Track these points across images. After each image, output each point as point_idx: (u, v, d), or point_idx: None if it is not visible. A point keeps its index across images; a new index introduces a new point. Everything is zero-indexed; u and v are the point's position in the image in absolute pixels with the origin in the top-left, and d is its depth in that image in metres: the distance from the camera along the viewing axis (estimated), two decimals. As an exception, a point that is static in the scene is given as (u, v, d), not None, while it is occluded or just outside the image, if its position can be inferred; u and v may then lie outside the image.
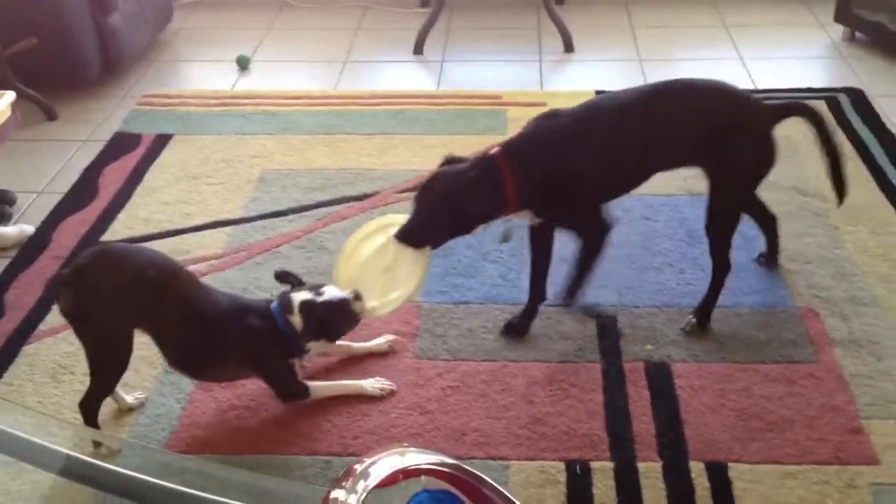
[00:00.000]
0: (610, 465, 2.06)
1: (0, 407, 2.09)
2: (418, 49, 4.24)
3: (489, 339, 2.45)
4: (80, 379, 2.31)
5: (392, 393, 2.26)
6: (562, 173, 2.22)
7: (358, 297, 2.18)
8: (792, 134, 3.34)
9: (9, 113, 2.60)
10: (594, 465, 2.06)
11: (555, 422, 2.18)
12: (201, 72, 4.15)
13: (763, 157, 2.36)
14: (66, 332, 2.45)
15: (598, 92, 3.73)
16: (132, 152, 3.37)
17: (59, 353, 2.41)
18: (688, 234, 2.84)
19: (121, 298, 2.03)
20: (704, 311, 2.47)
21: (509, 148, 2.22)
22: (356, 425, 2.18)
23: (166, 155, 3.37)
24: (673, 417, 2.18)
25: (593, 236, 2.33)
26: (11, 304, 2.60)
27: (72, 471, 1.40)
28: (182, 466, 2.04)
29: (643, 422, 2.17)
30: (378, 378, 2.29)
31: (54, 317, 2.53)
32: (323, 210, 3.00)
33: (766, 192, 2.90)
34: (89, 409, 2.10)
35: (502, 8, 4.65)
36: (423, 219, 2.19)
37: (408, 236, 2.20)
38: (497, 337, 2.45)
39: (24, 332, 2.49)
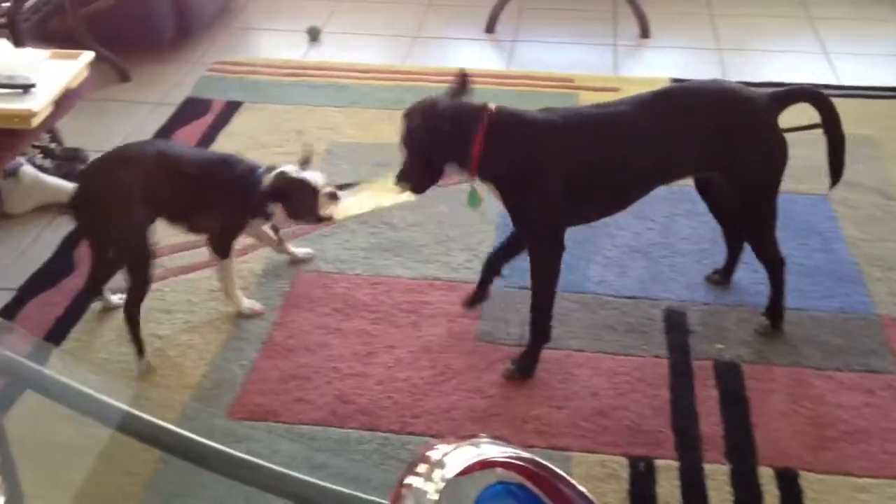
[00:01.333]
0: (675, 464, 2.02)
1: (66, 361, 2.11)
2: (490, 27, 4.18)
3: (553, 325, 2.40)
4: (146, 339, 2.32)
5: (453, 374, 2.24)
6: (527, 163, 2.10)
7: (333, 196, 2.32)
8: (876, 133, 3.24)
9: (86, 73, 2.60)
10: (658, 462, 2.02)
11: (618, 415, 2.14)
12: (272, 41, 4.14)
13: (772, 149, 2.26)
14: (134, 293, 2.49)
15: (673, 80, 3.65)
16: (202, 118, 3.38)
17: (126, 312, 2.43)
18: (762, 231, 2.76)
19: (123, 195, 2.23)
20: (774, 311, 2.40)
21: (498, 113, 2.10)
22: (417, 404, 2.16)
23: (236, 122, 3.37)
24: (742, 420, 2.12)
25: (541, 253, 2.18)
26: (82, 260, 2.62)
27: (130, 427, 1.40)
28: (243, 433, 2.05)
29: (711, 422, 2.12)
30: (254, 303, 2.44)
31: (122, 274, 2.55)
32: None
33: (847, 192, 2.82)
34: (131, 313, 2.25)
35: (578, -11, 4.57)
36: (408, 154, 2.14)
37: (402, 176, 2.17)
38: (561, 324, 2.41)
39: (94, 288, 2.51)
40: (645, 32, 4.11)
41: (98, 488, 1.92)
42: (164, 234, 2.70)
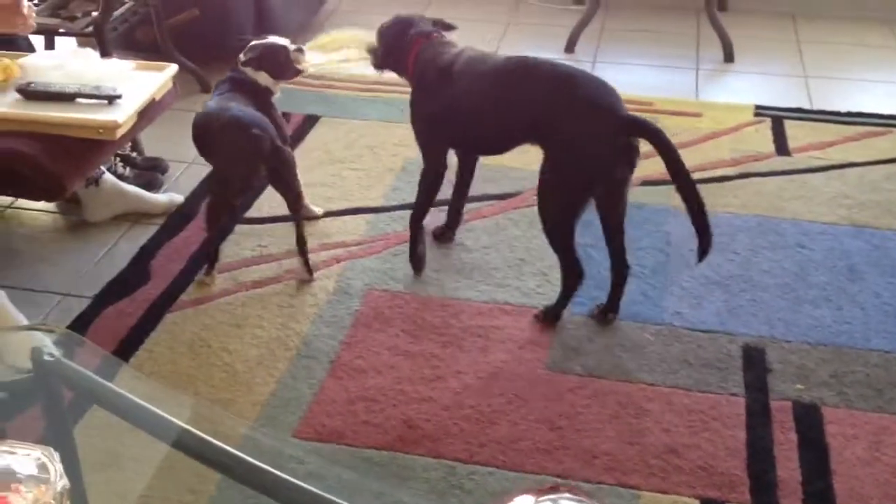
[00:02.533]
0: (749, 509, 1.95)
1: (134, 376, 2.12)
2: (570, 47, 4.14)
3: (626, 357, 2.35)
4: (216, 353, 2.34)
5: (522, 402, 2.20)
6: (420, 83, 2.53)
7: (300, 50, 2.76)
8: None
9: (170, 85, 2.64)
10: (732, 507, 1.95)
11: (691, 455, 2.07)
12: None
13: (581, 158, 2.28)
14: (208, 305, 2.51)
15: (757, 106, 3.57)
16: (280, 131, 3.40)
17: (198, 324, 2.44)
18: (848, 268, 2.67)
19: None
20: (554, 307, 2.46)
21: (434, 39, 2.55)
22: (484, 433, 2.12)
23: (312, 136, 3.38)
24: (821, 466, 2.04)
25: (424, 164, 2.60)
26: (157, 271, 2.65)
27: (188, 446, 1.39)
28: (307, 455, 2.03)
29: (788, 467, 2.04)
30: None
31: (196, 289, 2.58)
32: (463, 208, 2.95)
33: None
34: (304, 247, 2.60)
35: (661, 10, 4.49)
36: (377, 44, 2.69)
37: (371, 52, 2.71)
38: (634, 356, 2.35)
39: (168, 300, 2.54)
40: (729, 57, 4.02)
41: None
42: (234, 248, 2.73)
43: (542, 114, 2.31)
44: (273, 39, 2.76)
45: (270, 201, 2.95)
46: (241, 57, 2.72)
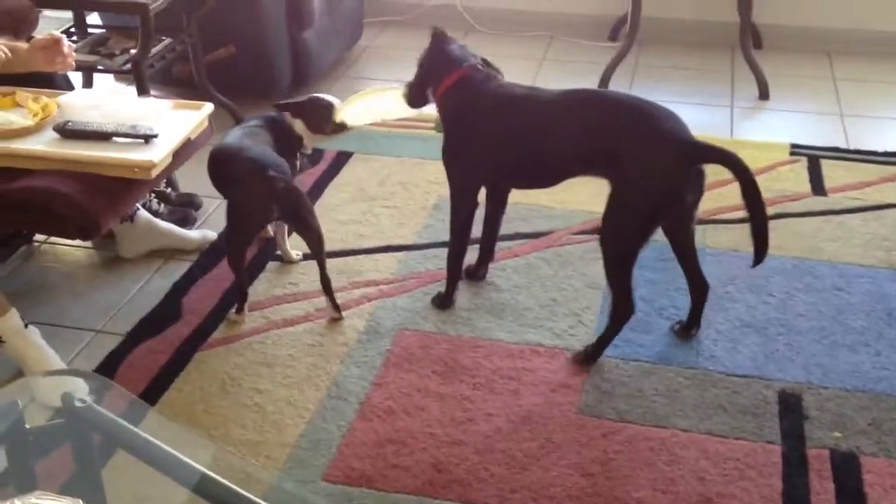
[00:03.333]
0: (783, 562, 1.90)
1: (156, 420, 2.12)
2: (604, 83, 4.13)
3: (660, 402, 2.32)
4: (246, 392, 2.34)
5: (554, 447, 2.17)
6: (459, 117, 2.49)
7: (343, 126, 2.80)
8: None
9: (206, 124, 2.66)
10: (768, 560, 1.90)
11: (726, 504, 2.03)
12: (385, 91, 4.18)
13: (649, 186, 2.25)
14: (239, 344, 2.51)
15: (793, 145, 3.53)
16: (314, 167, 3.42)
17: (229, 363, 2.45)
18: (887, 312, 2.62)
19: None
20: (595, 346, 2.45)
21: (472, 70, 2.50)
22: (514, 478, 2.10)
23: (345, 173, 3.40)
24: (860, 518, 1.99)
25: (454, 198, 2.57)
26: (189, 308, 2.66)
27: (206, 490, 1.39)
28: (336, 501, 2.02)
29: (826, 518, 1.99)
30: (298, 252, 2.84)
31: (227, 327, 2.58)
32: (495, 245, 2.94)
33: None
34: (329, 285, 2.61)
35: (695, 47, 4.48)
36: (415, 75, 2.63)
37: (407, 90, 2.65)
38: (668, 401, 2.32)
39: (199, 338, 2.54)
40: (764, 94, 3.99)
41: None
42: (265, 286, 2.74)
43: (614, 143, 2.28)
44: (323, 96, 2.83)
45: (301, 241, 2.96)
46: (282, 101, 2.80)
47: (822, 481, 2.08)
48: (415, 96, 2.62)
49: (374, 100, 2.98)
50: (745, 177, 2.23)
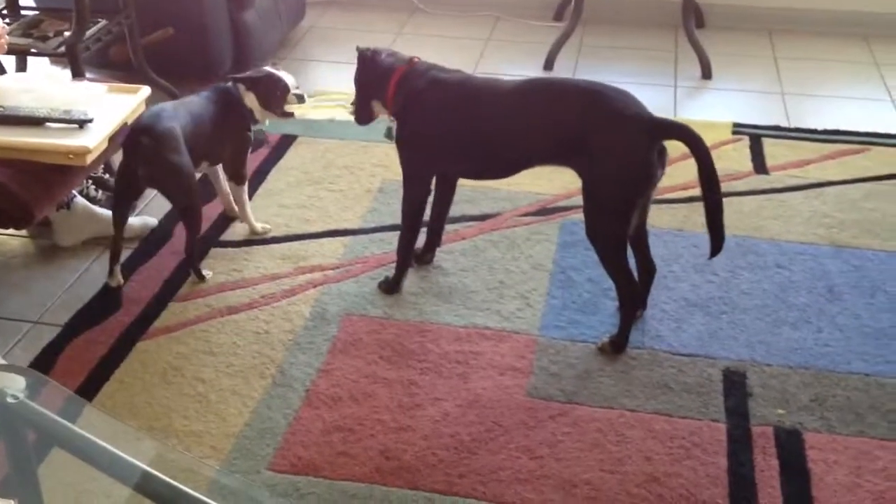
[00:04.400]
0: (731, 539, 1.92)
1: (94, 415, 2.07)
2: (549, 64, 4.13)
3: (607, 382, 2.33)
4: (189, 382, 2.30)
5: (502, 431, 2.17)
6: (410, 107, 2.47)
7: (300, 97, 2.80)
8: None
9: (143, 108, 2.60)
10: (714, 537, 1.92)
11: (673, 483, 2.04)
12: (329, 73, 4.13)
13: (625, 167, 2.25)
14: (181, 332, 2.47)
15: (735, 124, 3.56)
16: (257, 151, 3.36)
17: (171, 352, 2.40)
18: (828, 288, 2.66)
19: (177, 146, 2.52)
20: (617, 335, 2.43)
21: (415, 65, 2.50)
22: (463, 463, 2.09)
23: (290, 156, 3.35)
24: (803, 493, 2.02)
25: (407, 185, 2.55)
26: (129, 297, 2.60)
27: (146, 487, 1.35)
28: (282, 489, 1.99)
29: (770, 494, 2.01)
30: (265, 224, 2.89)
31: (169, 315, 2.53)
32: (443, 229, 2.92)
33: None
34: (193, 255, 2.63)
35: (639, 28, 4.50)
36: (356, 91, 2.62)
37: (354, 108, 2.65)
38: (615, 382, 2.33)
39: (140, 327, 2.49)
40: (707, 73, 4.02)
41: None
42: (208, 273, 2.69)
43: (575, 131, 2.27)
44: (282, 74, 2.79)
45: (245, 225, 2.91)
46: (244, 74, 2.79)
47: (767, 458, 2.11)
48: (361, 113, 2.61)
49: (330, 100, 3.16)
50: (703, 158, 2.23)
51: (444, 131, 2.46)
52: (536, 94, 2.38)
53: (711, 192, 2.26)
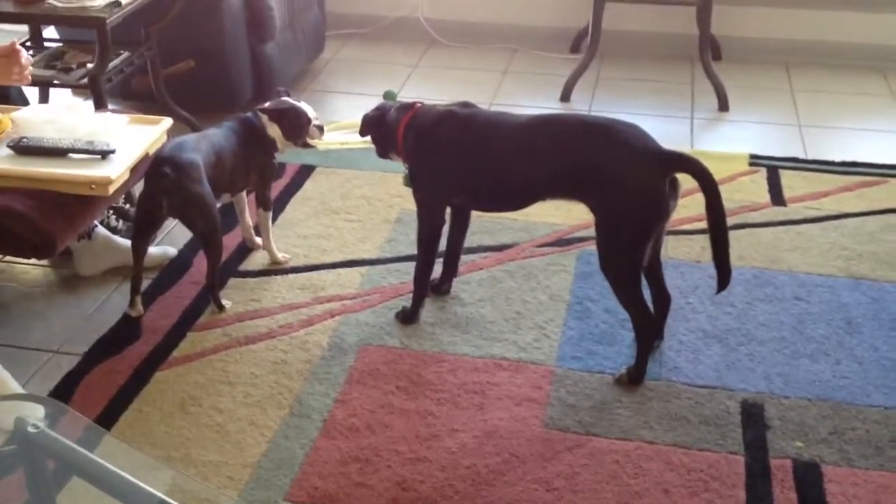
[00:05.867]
0: (750, 573, 1.90)
1: (112, 445, 2.08)
2: (565, 96, 4.15)
3: (624, 414, 2.32)
4: (206, 412, 2.30)
5: (518, 462, 2.16)
6: (420, 143, 2.51)
7: (321, 128, 2.86)
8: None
9: (164, 139, 2.63)
10: (733, 572, 1.91)
11: (691, 517, 2.03)
12: (348, 104, 4.16)
13: (635, 201, 2.26)
14: (199, 362, 2.48)
15: (752, 156, 3.57)
16: (277, 181, 3.38)
17: (189, 382, 2.41)
18: (846, 321, 2.64)
19: (199, 177, 2.56)
20: (635, 367, 2.42)
21: (419, 109, 2.55)
22: (479, 495, 2.08)
23: (308, 187, 3.38)
24: (823, 528, 2.00)
25: (421, 217, 2.59)
26: (148, 326, 2.62)
27: None
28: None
29: (790, 529, 2.00)
30: (285, 255, 2.93)
31: (188, 345, 2.55)
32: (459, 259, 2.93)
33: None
34: (213, 284, 2.67)
35: (656, 60, 4.52)
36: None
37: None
38: (632, 413, 2.32)
39: (158, 357, 2.50)
40: (724, 106, 4.04)
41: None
42: (227, 302, 2.70)
43: (585, 166, 2.29)
44: (303, 105, 2.84)
45: (263, 255, 2.94)
46: (266, 104, 2.82)
47: (785, 491, 2.09)
48: (380, 151, 2.68)
49: (352, 134, 3.15)
50: (711, 191, 2.24)
51: (453, 163, 2.48)
52: (546, 130, 2.41)
53: (718, 227, 2.27)
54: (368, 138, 2.67)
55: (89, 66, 3.25)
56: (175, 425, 2.27)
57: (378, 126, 2.60)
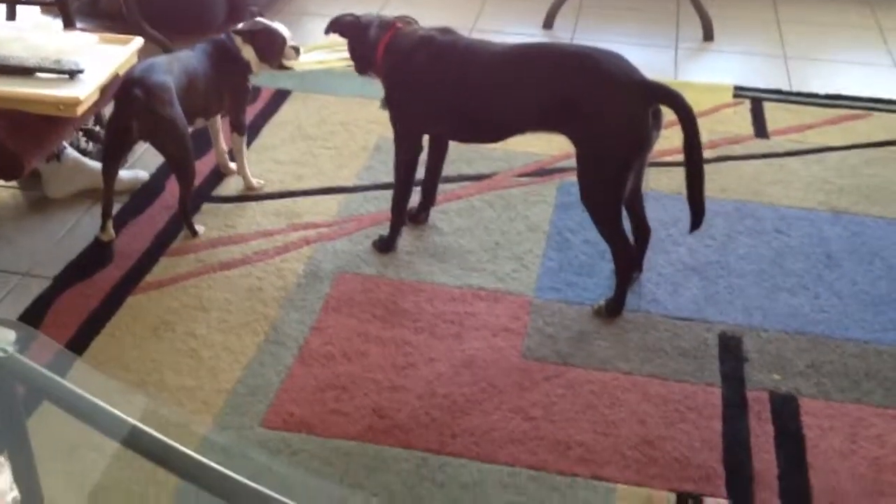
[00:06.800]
0: (725, 502, 1.91)
1: (84, 370, 2.05)
2: (548, 23, 4.07)
3: (602, 345, 2.31)
4: (181, 337, 2.27)
5: (496, 391, 2.15)
6: (397, 69, 2.45)
7: (296, 49, 2.79)
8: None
9: (134, 59, 2.55)
10: (708, 500, 1.91)
11: (667, 447, 2.03)
12: (324, 27, 4.04)
13: (616, 130, 2.22)
14: (172, 287, 2.44)
15: (736, 87, 3.52)
16: (251, 105, 3.30)
17: (163, 307, 2.37)
18: (826, 254, 2.64)
19: (171, 99, 2.47)
20: (614, 298, 2.40)
21: (401, 29, 2.47)
22: (456, 423, 2.07)
23: (284, 111, 3.30)
24: (798, 459, 2.01)
25: (398, 145, 2.53)
26: (120, 250, 2.57)
27: (136, 443, 1.33)
28: (275, 446, 1.98)
29: (765, 460, 2.01)
30: (259, 181, 2.86)
31: (161, 270, 2.50)
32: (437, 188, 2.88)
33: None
34: (186, 209, 2.60)
35: (640, -12, 4.43)
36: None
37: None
38: (610, 344, 2.31)
39: (131, 281, 2.46)
40: (708, 35, 3.97)
41: (124, 497, 1.86)
42: (201, 228, 2.65)
43: (566, 96, 2.24)
44: (278, 26, 2.76)
45: (238, 181, 2.88)
46: (239, 25, 2.74)
47: (762, 423, 2.10)
48: (360, 68, 2.58)
49: (328, 53, 3.18)
50: (690, 128, 2.20)
51: (430, 91, 2.42)
52: (526, 60, 2.34)
53: (694, 165, 2.24)
54: (347, 58, 2.59)
55: (57, -19, 3.13)
56: (148, 350, 2.23)
57: (359, 42, 2.50)
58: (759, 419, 2.11)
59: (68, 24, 3.06)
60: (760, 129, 3.26)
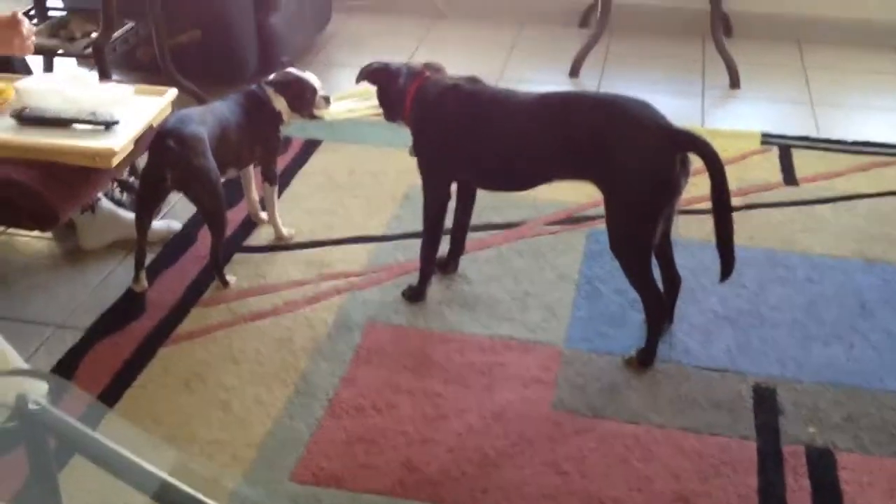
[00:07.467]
0: (762, 561, 1.88)
1: (115, 422, 2.06)
2: (574, 71, 4.09)
3: (634, 397, 2.29)
4: (211, 389, 2.28)
5: (527, 444, 2.13)
6: (424, 117, 2.47)
7: (327, 99, 2.84)
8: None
9: (169, 110, 2.59)
10: (745, 558, 1.88)
11: (702, 503, 2.00)
12: (354, 77, 4.07)
13: (644, 177, 2.21)
14: (203, 338, 2.45)
15: (764, 134, 3.52)
16: (282, 155, 3.34)
17: (194, 359, 2.38)
18: (860, 304, 2.61)
19: (204, 150, 2.49)
20: (644, 349, 2.38)
21: (429, 77, 2.49)
22: (487, 477, 2.05)
23: (314, 161, 3.33)
24: (836, 515, 1.98)
25: (427, 193, 2.55)
26: (152, 301, 2.59)
27: (166, 497, 1.33)
28: (305, 502, 1.97)
29: (802, 516, 1.97)
30: (290, 230, 2.89)
31: (192, 321, 2.51)
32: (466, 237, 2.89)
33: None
34: (217, 260, 2.62)
35: (666, 35, 4.45)
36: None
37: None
38: (642, 396, 2.29)
39: (163, 332, 2.47)
40: (735, 83, 3.98)
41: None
42: (231, 278, 2.67)
43: (594, 145, 2.24)
44: (308, 76, 2.81)
45: (269, 230, 2.90)
46: (271, 76, 2.78)
47: (798, 478, 2.06)
48: (389, 115, 2.62)
49: (358, 102, 3.22)
50: (717, 175, 2.19)
51: (457, 139, 2.44)
52: (553, 108, 2.35)
53: (723, 213, 2.22)
54: (376, 106, 2.62)
55: (94, 35, 3.20)
56: (179, 403, 2.24)
57: (389, 89, 2.53)
58: (796, 474, 2.07)
59: (104, 76, 3.11)
60: (789, 177, 3.25)
